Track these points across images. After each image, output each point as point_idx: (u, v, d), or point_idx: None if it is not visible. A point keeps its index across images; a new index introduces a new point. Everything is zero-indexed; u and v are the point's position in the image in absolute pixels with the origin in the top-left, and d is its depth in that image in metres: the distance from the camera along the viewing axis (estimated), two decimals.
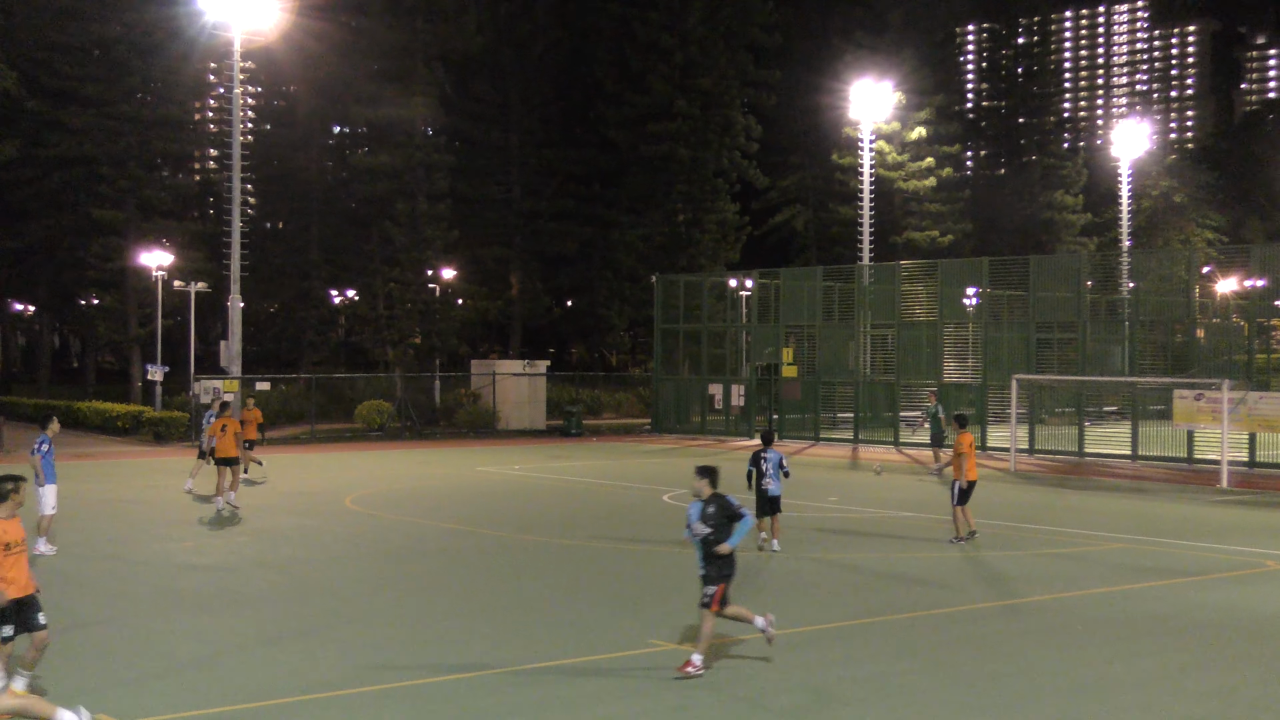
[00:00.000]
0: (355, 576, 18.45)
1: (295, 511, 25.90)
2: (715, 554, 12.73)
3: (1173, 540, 22.38)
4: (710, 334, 53.26)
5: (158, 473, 33.97)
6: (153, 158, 61.23)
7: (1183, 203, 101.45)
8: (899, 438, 44.92)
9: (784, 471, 20.66)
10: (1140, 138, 71.53)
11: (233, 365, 45.78)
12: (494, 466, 36.74)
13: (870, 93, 56.28)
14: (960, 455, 21.53)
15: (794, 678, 12.68)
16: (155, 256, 52.30)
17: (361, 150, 69.66)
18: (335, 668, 12.97)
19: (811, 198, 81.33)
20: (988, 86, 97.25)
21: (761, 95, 74.08)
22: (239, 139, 46.51)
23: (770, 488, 20.42)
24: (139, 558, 19.97)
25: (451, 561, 20.04)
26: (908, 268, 48.36)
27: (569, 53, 74.91)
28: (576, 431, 50.56)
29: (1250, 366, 38.09)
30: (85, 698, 11.67)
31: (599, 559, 20.19)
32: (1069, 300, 42.83)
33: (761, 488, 20.46)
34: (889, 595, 17.16)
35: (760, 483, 20.48)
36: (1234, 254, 62.91)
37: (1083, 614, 15.93)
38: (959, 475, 21.45)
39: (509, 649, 13.81)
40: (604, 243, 72.14)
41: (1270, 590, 17.80)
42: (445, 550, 21.13)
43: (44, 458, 19.85)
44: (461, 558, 20.41)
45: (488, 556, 20.52)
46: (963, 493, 21.47)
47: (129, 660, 13.25)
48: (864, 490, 31.04)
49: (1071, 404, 41.81)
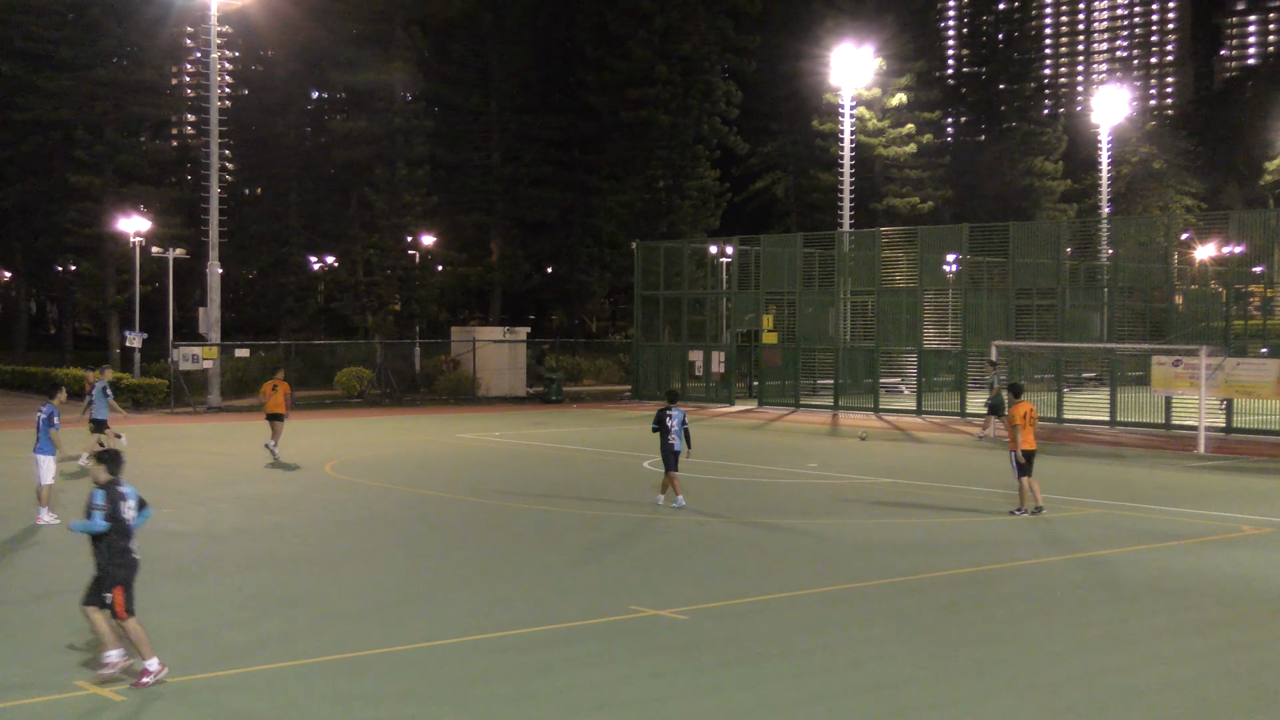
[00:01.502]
0: (336, 543, 18.47)
1: (276, 479, 25.89)
2: (114, 546, 11.22)
3: (1150, 505, 22.55)
4: (690, 301, 53.25)
5: (136, 439, 33.86)
6: (129, 123, 60.80)
7: (1162, 169, 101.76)
8: (879, 404, 45.07)
9: (685, 430, 21.59)
10: (1120, 104, 71.55)
11: (211, 332, 45.60)
12: (474, 433, 36.75)
13: (851, 58, 56.12)
14: (1015, 426, 21.16)
15: (770, 643, 12.76)
16: (133, 222, 51.99)
17: (340, 115, 69.33)
18: (316, 634, 12.99)
19: (792, 164, 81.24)
20: (968, 52, 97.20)
21: (742, 61, 73.91)
22: (216, 104, 46.16)
23: (674, 444, 21.41)
24: None
25: (432, 528, 20.08)
26: (888, 234, 48.39)
27: (548, 18, 74.53)
28: (557, 398, 50.57)
29: (1228, 332, 38.28)
30: (69, 666, 11.68)
31: (579, 525, 20.25)
32: (1048, 267, 42.95)
33: (667, 443, 21.46)
34: (866, 561, 17.26)
35: (665, 439, 21.48)
36: (1212, 220, 63.22)
37: (1059, 579, 16.05)
38: (1014, 446, 21.06)
39: (489, 615, 13.85)
40: (584, 209, 72.01)
41: (1246, 555, 17.96)
42: (425, 517, 21.16)
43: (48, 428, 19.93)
44: (442, 524, 20.45)
45: (468, 523, 20.55)
46: (1020, 465, 20.97)
47: None
48: (844, 457, 31.15)
49: (1050, 370, 41.98)
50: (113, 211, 55.30)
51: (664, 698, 10.98)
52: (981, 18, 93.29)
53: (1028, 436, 21.02)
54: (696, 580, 15.80)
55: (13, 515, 20.13)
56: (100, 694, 10.78)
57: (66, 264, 65.95)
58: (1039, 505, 20.96)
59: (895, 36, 76.18)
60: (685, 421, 21.71)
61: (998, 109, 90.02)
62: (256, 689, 11.11)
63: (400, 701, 10.78)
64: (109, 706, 10.52)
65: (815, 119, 75.13)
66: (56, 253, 63.36)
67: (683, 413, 21.86)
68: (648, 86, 69.30)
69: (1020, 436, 21.01)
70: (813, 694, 11.15)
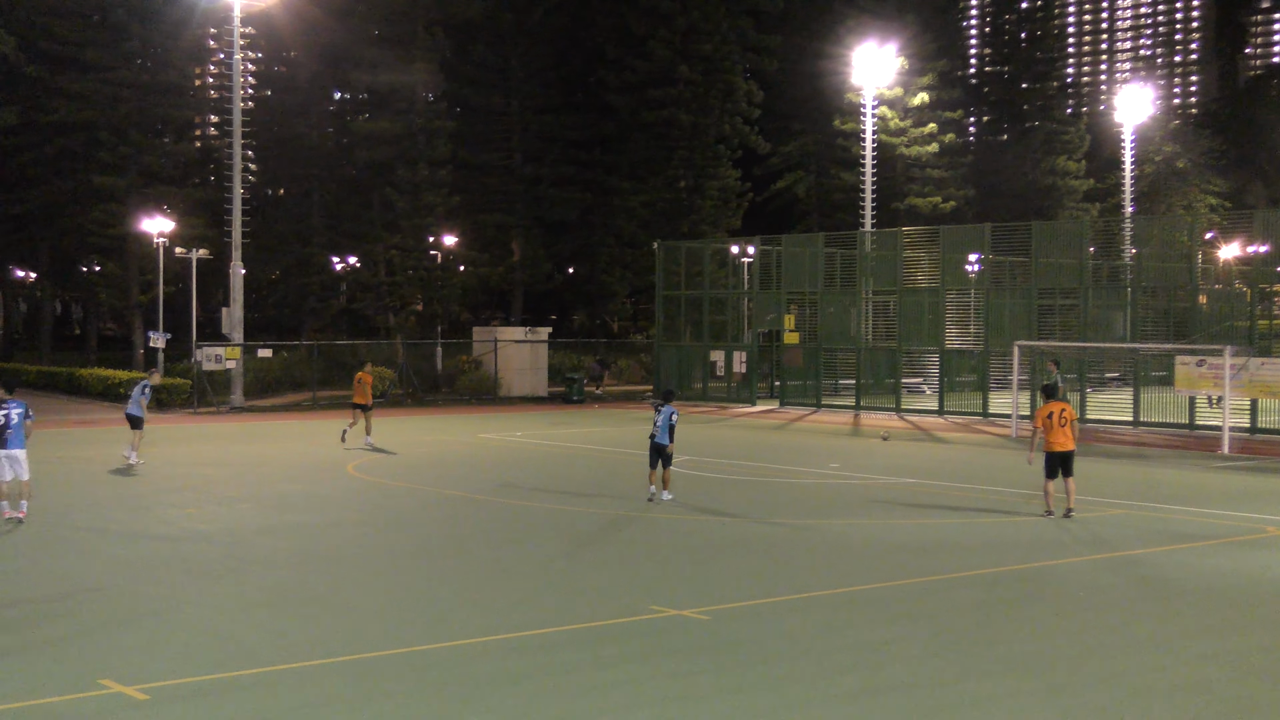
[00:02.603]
0: (358, 543, 18.52)
1: (298, 478, 25.97)
2: None
3: (1174, 506, 22.44)
4: (712, 300, 53.24)
5: (161, 440, 34.04)
6: (153, 124, 61.03)
7: (1186, 168, 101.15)
8: (900, 404, 44.97)
9: (671, 426, 22.18)
10: (1143, 103, 71.16)
11: (234, 332, 45.80)
12: (496, 433, 36.81)
13: (872, 58, 55.99)
14: (1038, 427, 21.10)
15: (792, 643, 12.74)
16: (156, 223, 52.19)
17: (362, 116, 69.44)
18: (339, 634, 13.03)
19: (813, 164, 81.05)
20: (990, 51, 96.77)
21: (763, 60, 73.80)
22: (239, 105, 46.37)
23: (657, 436, 22.11)
24: (143, 524, 20.04)
25: (454, 528, 20.11)
26: (909, 234, 48.27)
27: (569, 18, 74.52)
28: (578, 398, 50.60)
29: (1252, 332, 38.07)
30: (91, 663, 11.74)
31: (600, 525, 20.26)
32: (1071, 266, 42.78)
33: (650, 435, 22.30)
34: (888, 562, 17.22)
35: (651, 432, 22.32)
36: (1237, 220, 62.76)
37: (1083, 580, 15.99)
38: (1044, 448, 20.86)
39: (510, 615, 13.87)
40: (605, 209, 71.99)
41: (1271, 556, 17.86)
42: (448, 517, 21.20)
43: None
44: (464, 524, 20.48)
45: (488, 523, 20.59)
46: (1049, 465, 20.81)
47: (134, 627, 13.31)
48: (865, 457, 31.08)
49: (1073, 370, 41.81)
50: (136, 212, 55.53)
51: (685, 698, 10.97)
52: (1004, 17, 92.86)
53: (1057, 438, 20.78)
54: (717, 580, 15.79)
55: (35, 514, 20.22)
56: (125, 692, 10.83)
57: (91, 265, 66.23)
58: (1069, 509, 20.73)
59: (917, 36, 75.96)
60: (673, 418, 22.25)
61: (1020, 108, 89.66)
62: (277, 688, 11.14)
63: (420, 701, 10.80)
64: (131, 705, 10.56)
65: (837, 118, 74.95)
66: (81, 253, 63.62)
67: (670, 409, 22.42)
68: (669, 86, 69.28)
69: (1048, 438, 20.81)
70: (835, 695, 11.13)
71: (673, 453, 22.51)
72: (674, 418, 22.26)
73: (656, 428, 22.16)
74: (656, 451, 22.23)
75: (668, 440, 22.12)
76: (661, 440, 22.10)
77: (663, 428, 22.09)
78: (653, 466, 22.47)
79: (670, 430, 22.15)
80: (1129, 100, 70.48)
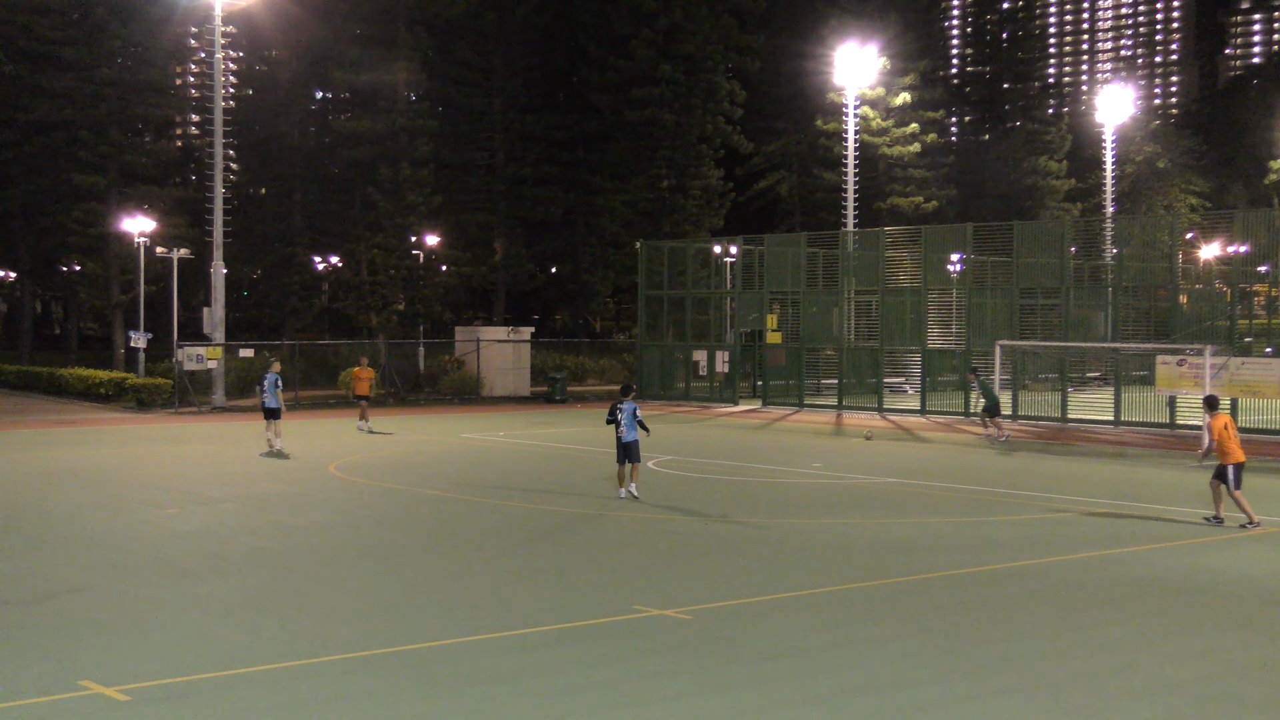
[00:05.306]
0: (340, 543, 18.47)
1: (280, 478, 25.89)
2: None
3: (1155, 505, 22.52)
4: (694, 300, 53.24)
5: (141, 440, 33.92)
6: (133, 123, 60.85)
7: (1166, 168, 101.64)
8: (883, 404, 45.05)
9: (639, 422, 22.56)
10: (1124, 103, 71.39)
11: (216, 332, 45.63)
12: (478, 433, 36.76)
13: (855, 58, 56.04)
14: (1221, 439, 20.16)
15: (774, 642, 12.75)
16: (137, 222, 52.01)
17: (344, 115, 69.36)
18: (320, 635, 12.99)
19: (796, 163, 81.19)
20: (972, 52, 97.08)
21: (745, 60, 73.88)
22: (220, 104, 46.19)
23: (624, 435, 22.38)
24: (124, 524, 19.95)
25: (436, 528, 20.07)
26: (892, 234, 48.35)
27: (552, 17, 74.50)
28: (561, 398, 50.57)
29: (1233, 332, 38.22)
30: (71, 664, 11.68)
31: (582, 525, 20.24)
32: (1052, 266, 42.90)
33: (617, 435, 22.53)
34: (870, 561, 17.25)
35: (617, 431, 22.56)
36: (1217, 219, 63.10)
37: (1065, 579, 16.03)
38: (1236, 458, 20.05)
39: (493, 615, 13.85)
40: (588, 208, 71.99)
41: (1250, 554, 17.93)
42: (429, 517, 21.16)
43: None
44: (446, 524, 20.44)
45: (471, 523, 20.56)
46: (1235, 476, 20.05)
47: (115, 627, 13.26)
48: (848, 457, 31.13)
49: (1054, 370, 41.94)
50: (117, 211, 55.34)
51: (669, 697, 10.96)
52: (985, 17, 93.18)
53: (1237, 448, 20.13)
54: (701, 580, 15.79)
55: (15, 514, 20.12)
56: (105, 694, 10.78)
57: (71, 264, 65.95)
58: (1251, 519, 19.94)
59: (899, 36, 76.12)
60: (637, 413, 22.62)
61: (1002, 108, 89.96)
62: (258, 689, 11.09)
63: (402, 702, 10.77)
64: (112, 707, 10.51)
65: (819, 118, 75.09)
66: (61, 253, 63.33)
67: (633, 405, 22.78)
68: (651, 86, 69.31)
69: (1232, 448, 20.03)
70: (818, 693, 11.14)
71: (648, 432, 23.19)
72: (637, 413, 22.65)
73: (623, 427, 22.43)
74: (625, 450, 22.51)
75: (636, 435, 22.44)
76: (630, 438, 22.38)
77: (628, 425, 22.41)
78: (621, 464, 22.76)
79: (639, 424, 22.50)
80: (1110, 100, 70.71)
